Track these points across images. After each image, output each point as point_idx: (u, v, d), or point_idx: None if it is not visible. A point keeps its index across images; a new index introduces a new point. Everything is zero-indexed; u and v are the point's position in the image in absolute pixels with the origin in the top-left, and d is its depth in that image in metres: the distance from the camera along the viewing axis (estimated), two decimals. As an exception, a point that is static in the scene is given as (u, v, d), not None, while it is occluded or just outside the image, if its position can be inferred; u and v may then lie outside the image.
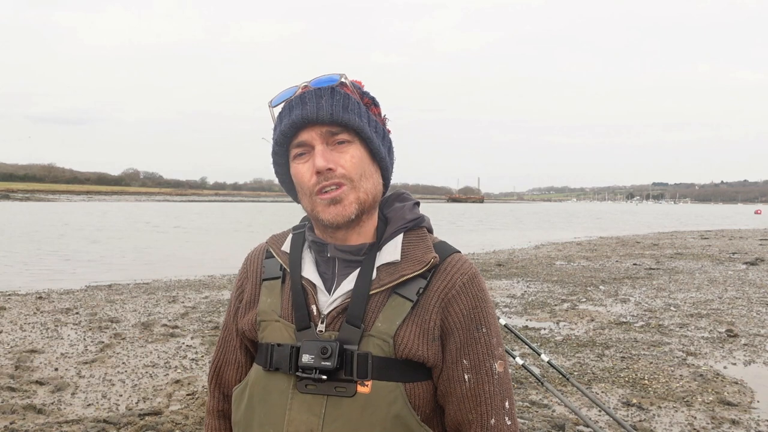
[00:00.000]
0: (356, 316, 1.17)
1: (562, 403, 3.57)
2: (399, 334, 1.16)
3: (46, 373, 5.36)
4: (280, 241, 1.33)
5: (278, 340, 1.21)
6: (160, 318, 7.80)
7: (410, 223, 1.26)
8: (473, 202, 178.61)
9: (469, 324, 1.19)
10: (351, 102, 1.18)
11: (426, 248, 1.23)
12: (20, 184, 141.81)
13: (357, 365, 1.15)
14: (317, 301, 1.22)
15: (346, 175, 1.17)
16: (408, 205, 1.29)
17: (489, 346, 1.19)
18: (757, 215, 76.75)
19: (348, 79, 1.23)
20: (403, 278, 1.19)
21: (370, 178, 1.21)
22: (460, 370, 1.18)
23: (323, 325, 1.19)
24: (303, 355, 1.15)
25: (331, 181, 1.16)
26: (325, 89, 1.18)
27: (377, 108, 1.26)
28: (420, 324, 1.17)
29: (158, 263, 15.07)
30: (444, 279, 1.20)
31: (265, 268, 1.30)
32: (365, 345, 1.16)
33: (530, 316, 8.25)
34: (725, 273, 12.97)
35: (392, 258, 1.21)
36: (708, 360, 6.03)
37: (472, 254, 17.32)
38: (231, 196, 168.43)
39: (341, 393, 1.15)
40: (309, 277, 1.24)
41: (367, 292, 1.19)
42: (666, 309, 8.74)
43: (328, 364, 1.13)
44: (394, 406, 1.15)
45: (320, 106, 1.16)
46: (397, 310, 1.18)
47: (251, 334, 1.28)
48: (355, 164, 1.17)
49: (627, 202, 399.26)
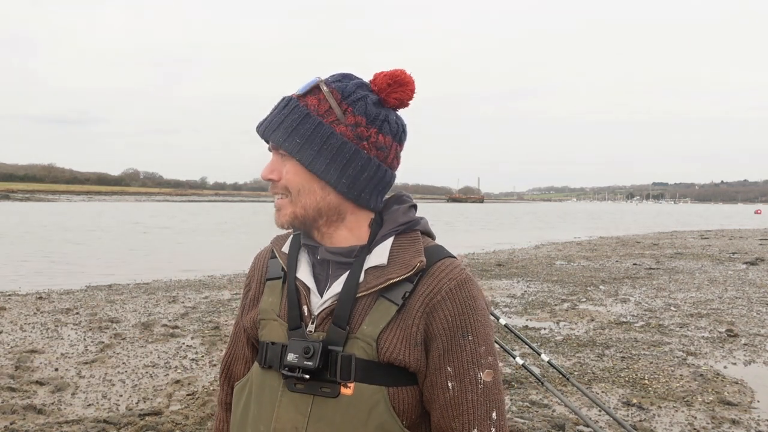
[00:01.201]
0: (342, 317, 1.19)
1: (562, 402, 3.57)
2: (382, 338, 1.16)
3: (46, 373, 5.36)
4: (281, 242, 1.37)
5: (273, 339, 1.25)
6: (160, 318, 7.80)
7: (402, 226, 1.26)
8: (473, 202, 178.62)
9: (455, 331, 1.17)
10: (293, 119, 1.22)
11: (415, 252, 1.22)
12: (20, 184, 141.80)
13: (340, 367, 1.16)
14: (309, 302, 1.24)
15: (286, 186, 1.24)
16: (403, 208, 1.29)
17: (475, 354, 1.17)
18: (757, 215, 76.75)
19: (326, 85, 1.24)
20: (389, 282, 1.19)
21: (311, 193, 1.23)
22: (443, 378, 1.17)
23: (313, 325, 1.22)
24: (288, 354, 1.18)
25: (274, 190, 1.25)
26: (284, 100, 1.26)
27: (355, 117, 1.23)
28: (403, 328, 1.17)
29: (158, 263, 15.08)
30: (430, 284, 1.19)
31: (270, 268, 1.35)
32: (350, 347, 1.17)
33: (530, 316, 8.25)
34: (725, 273, 12.97)
35: (379, 261, 1.22)
36: (708, 360, 6.03)
37: (471, 254, 17.32)
38: (231, 196, 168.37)
39: (326, 393, 1.17)
40: (302, 279, 1.27)
41: (353, 295, 1.20)
42: (666, 309, 8.74)
43: (310, 363, 1.16)
44: (376, 409, 1.16)
45: (265, 120, 1.26)
46: (382, 313, 1.18)
47: (252, 332, 1.32)
48: (290, 179, 1.23)
49: (627, 202, 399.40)
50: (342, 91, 1.25)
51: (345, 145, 1.23)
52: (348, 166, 1.22)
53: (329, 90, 1.24)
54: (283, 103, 1.25)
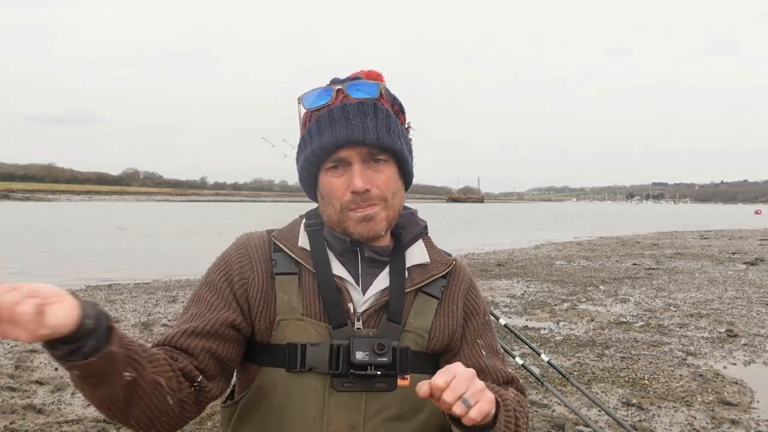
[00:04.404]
0: (396, 312, 1.23)
1: (562, 403, 3.57)
2: (433, 329, 1.26)
3: (46, 372, 5.36)
4: (290, 237, 1.29)
5: (307, 340, 1.18)
6: (160, 318, 7.80)
7: (424, 229, 1.37)
8: (473, 202, 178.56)
9: (479, 312, 1.35)
10: (392, 122, 1.22)
11: (440, 252, 1.36)
12: (20, 184, 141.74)
13: (400, 360, 1.20)
14: (352, 298, 1.23)
15: (381, 195, 1.21)
16: (415, 213, 1.38)
17: (492, 331, 1.37)
18: (757, 215, 76.72)
19: (383, 85, 1.26)
20: (433, 278, 1.30)
21: (399, 194, 1.27)
22: (477, 348, 1.31)
23: (360, 322, 1.22)
24: (356, 353, 1.17)
25: (367, 203, 1.21)
26: (368, 105, 1.19)
27: (404, 116, 1.30)
28: (449, 316, 1.29)
29: (158, 263, 15.07)
30: (458, 278, 1.34)
31: (277, 263, 1.26)
32: (403, 340, 1.22)
33: (530, 316, 8.24)
34: (725, 273, 12.97)
35: (423, 260, 1.32)
36: (708, 360, 6.03)
37: (471, 254, 17.32)
38: (231, 196, 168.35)
39: (381, 388, 1.18)
40: (341, 275, 1.24)
41: (403, 291, 1.25)
42: (666, 309, 8.74)
43: (385, 359, 1.17)
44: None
45: (366, 128, 1.17)
46: (425, 306, 1.27)
47: (265, 334, 1.23)
48: (389, 184, 1.23)
49: (627, 202, 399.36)
50: (387, 92, 1.28)
51: (411, 144, 1.32)
52: (413, 166, 1.31)
53: (385, 88, 1.26)
54: (372, 107, 1.20)
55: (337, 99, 1.21)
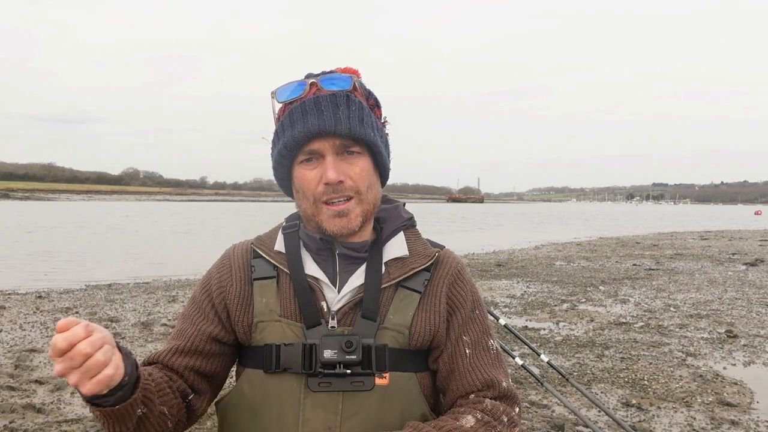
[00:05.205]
0: (372, 309, 1.20)
1: (562, 403, 3.57)
2: (413, 325, 1.21)
3: (45, 372, 5.36)
4: (268, 242, 1.31)
5: (283, 340, 1.19)
6: (160, 317, 7.80)
7: (407, 221, 1.33)
8: (473, 202, 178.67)
9: (467, 306, 1.27)
10: (365, 113, 1.20)
11: (424, 244, 1.31)
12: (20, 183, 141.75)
13: (376, 358, 1.17)
14: (326, 297, 1.22)
15: (355, 187, 1.19)
16: (400, 206, 1.35)
17: (483, 325, 1.29)
18: (757, 216, 76.73)
19: (357, 79, 1.24)
20: (412, 271, 1.24)
21: (374, 187, 1.24)
22: (461, 346, 1.24)
23: (334, 321, 1.20)
24: (324, 351, 1.15)
25: (340, 194, 1.19)
26: (340, 97, 1.18)
27: (380, 110, 1.28)
28: (431, 311, 1.24)
29: (158, 262, 15.07)
30: (443, 270, 1.28)
31: (255, 268, 1.27)
32: (380, 337, 1.19)
33: (530, 316, 8.24)
34: (725, 274, 12.97)
35: (401, 253, 1.27)
36: (707, 361, 6.03)
37: (471, 254, 17.31)
38: (231, 196, 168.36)
39: (358, 387, 1.16)
40: (314, 274, 1.24)
41: (379, 286, 1.22)
42: (666, 309, 8.74)
43: (354, 357, 1.15)
44: (410, 395, 1.19)
45: (338, 118, 1.16)
46: (406, 301, 1.23)
47: (245, 337, 1.24)
48: (363, 177, 1.20)
49: (627, 202, 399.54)
50: (362, 86, 1.26)
51: (387, 139, 1.29)
52: (388, 159, 1.29)
53: (359, 81, 1.25)
54: (344, 99, 1.18)
55: (311, 92, 1.20)
